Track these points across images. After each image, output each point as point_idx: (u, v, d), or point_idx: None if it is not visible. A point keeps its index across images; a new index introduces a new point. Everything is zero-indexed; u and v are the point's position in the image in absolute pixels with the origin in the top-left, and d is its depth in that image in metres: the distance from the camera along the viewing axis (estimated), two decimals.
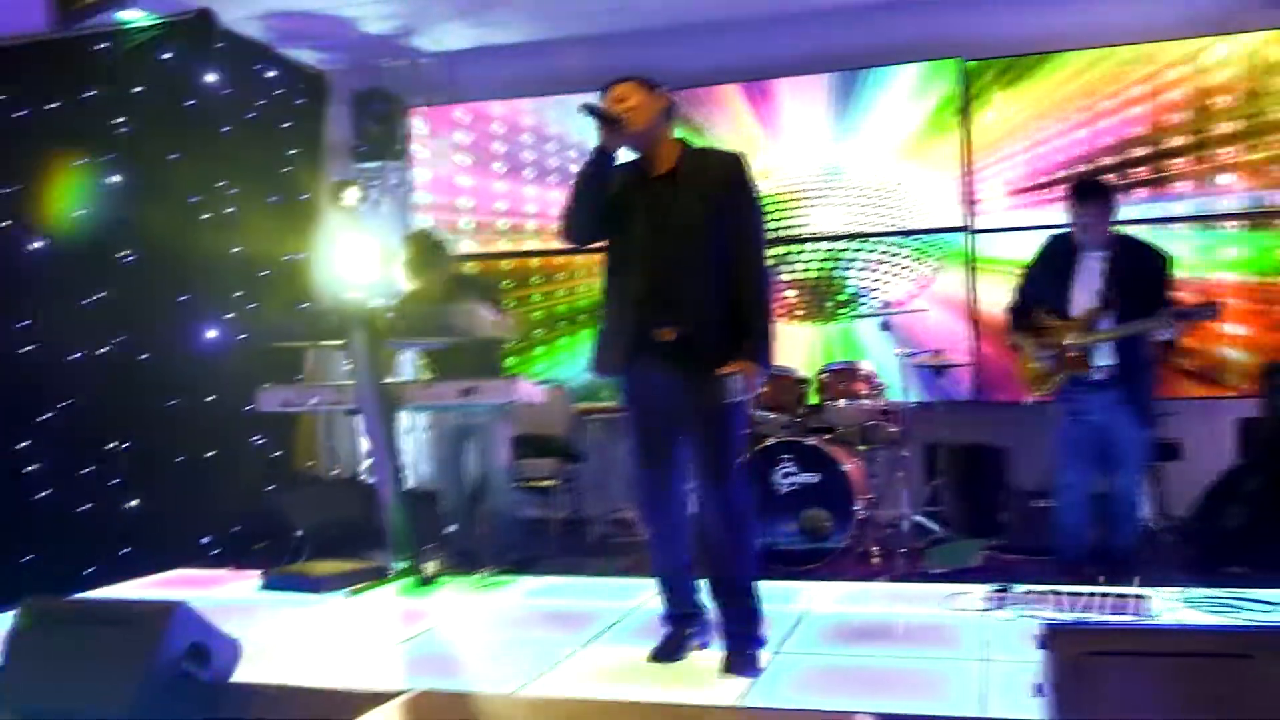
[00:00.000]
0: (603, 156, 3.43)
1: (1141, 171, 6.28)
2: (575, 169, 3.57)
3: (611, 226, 3.52)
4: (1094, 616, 3.93)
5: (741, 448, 3.55)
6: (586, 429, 6.77)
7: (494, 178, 7.40)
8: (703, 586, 3.67)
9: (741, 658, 3.45)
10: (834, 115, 6.76)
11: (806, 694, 3.24)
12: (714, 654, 3.50)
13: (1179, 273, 4.81)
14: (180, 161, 6.13)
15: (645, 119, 3.44)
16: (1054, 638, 2.61)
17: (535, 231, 7.34)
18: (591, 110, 3.41)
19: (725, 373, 3.36)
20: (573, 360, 7.20)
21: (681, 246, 3.41)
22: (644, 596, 4.45)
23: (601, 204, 3.47)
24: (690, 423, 3.48)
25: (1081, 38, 6.37)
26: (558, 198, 7.14)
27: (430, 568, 4.95)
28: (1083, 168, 6.30)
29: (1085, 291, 4.61)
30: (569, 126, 7.19)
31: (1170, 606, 4.07)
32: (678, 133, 3.61)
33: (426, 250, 5.35)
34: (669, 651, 3.59)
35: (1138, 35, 6.27)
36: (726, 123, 6.86)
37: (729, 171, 3.49)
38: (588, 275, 7.20)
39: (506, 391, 4.81)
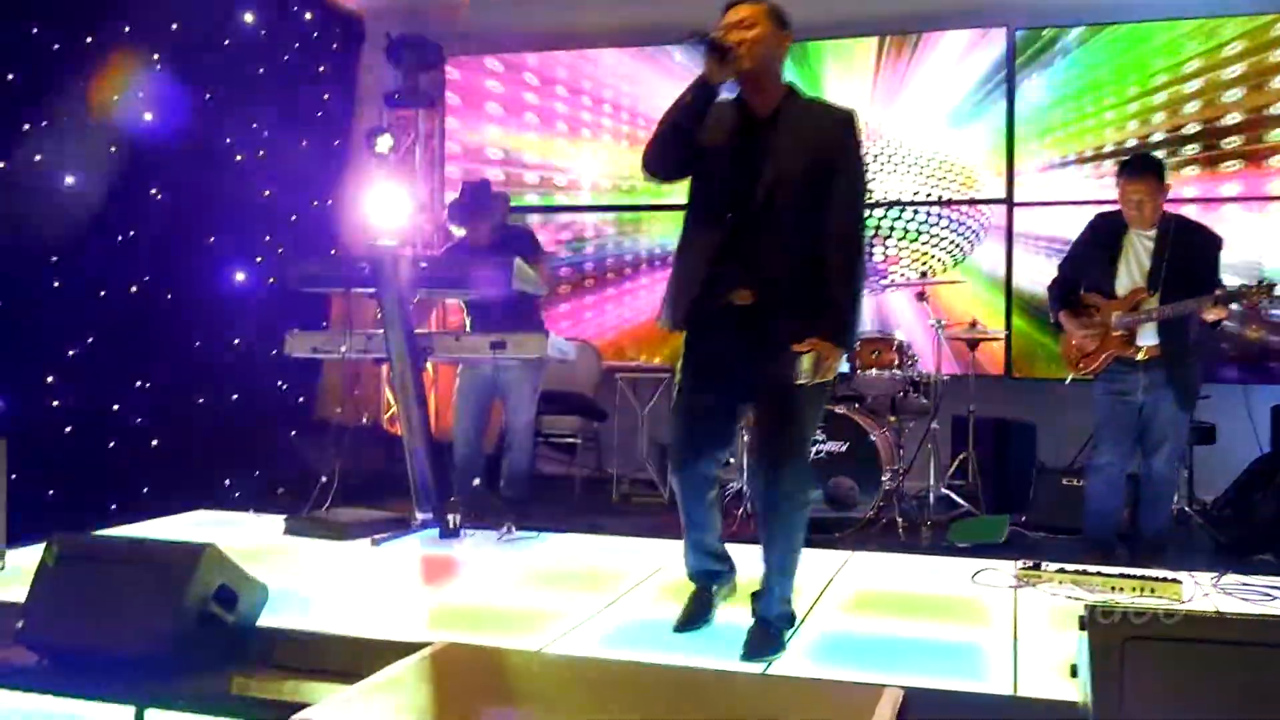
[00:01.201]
0: (705, 90, 3.06)
1: (1193, 150, 6.15)
2: (607, 123, 3.40)
3: (700, 167, 3.20)
4: (1124, 598, 3.88)
5: (808, 433, 3.35)
6: (613, 387, 6.74)
7: (526, 129, 7.32)
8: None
9: (766, 636, 3.29)
10: (878, 81, 6.65)
11: (832, 665, 3.20)
12: (743, 615, 3.43)
13: (1226, 254, 4.70)
14: (214, 101, 6.08)
15: (762, 54, 3.08)
16: (1095, 620, 2.56)
17: (564, 186, 7.26)
18: (702, 40, 3.04)
19: (798, 351, 3.09)
20: (600, 318, 7.15)
21: (774, 202, 3.09)
22: (667, 557, 4.43)
23: (692, 141, 3.13)
24: (754, 399, 3.28)
25: (1137, 10, 6.23)
26: (590, 151, 7.08)
27: (454, 520, 4.93)
28: (1131, 143, 6.19)
29: (1132, 271, 4.53)
30: (602, 81, 7.09)
31: (1201, 592, 4.02)
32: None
33: (481, 200, 5.31)
34: (695, 619, 3.46)
35: (1196, 10, 6.13)
36: None
37: (839, 128, 3.17)
38: (618, 234, 7.14)
39: (537, 347, 4.78)
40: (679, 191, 3.37)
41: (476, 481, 5.35)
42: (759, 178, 3.12)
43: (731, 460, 5.59)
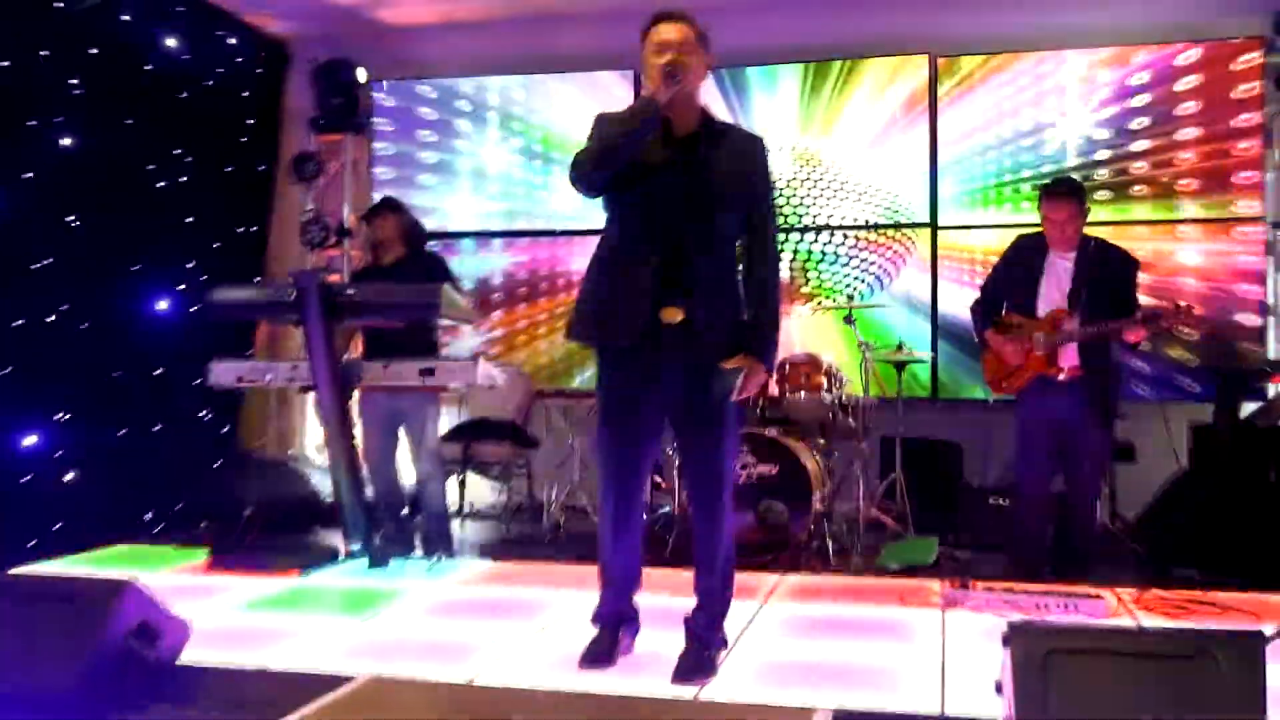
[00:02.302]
0: (657, 110, 3.11)
1: (1105, 173, 6.33)
2: (537, 148, 3.41)
3: (628, 183, 3.17)
4: (1049, 615, 3.94)
5: (736, 452, 3.40)
6: (543, 413, 6.71)
7: (457, 155, 7.29)
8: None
9: (700, 659, 3.30)
10: (803, 107, 6.74)
11: (764, 688, 3.20)
12: (669, 639, 3.42)
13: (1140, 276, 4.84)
14: (135, 127, 5.98)
15: (696, 77, 3.21)
16: (1017, 636, 2.60)
17: (500, 212, 7.24)
18: (674, 65, 3.11)
19: (729, 367, 3.16)
20: (531, 344, 7.13)
21: (703, 219, 3.16)
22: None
23: (634, 158, 3.14)
24: (682, 416, 3.30)
25: (1053, 39, 6.40)
26: (523, 177, 7.09)
27: (381, 551, 4.86)
28: (1048, 168, 6.34)
29: (1053, 291, 4.63)
30: (534, 106, 7.11)
31: (1123, 607, 4.09)
32: None
33: (390, 222, 5.22)
34: (600, 657, 3.38)
35: (1108, 38, 6.32)
36: None
37: (757, 151, 3.30)
38: (550, 259, 7.13)
39: (465, 374, 4.73)
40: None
41: (406, 511, 5.28)
42: (692, 196, 3.16)
43: (662, 484, 5.59)
